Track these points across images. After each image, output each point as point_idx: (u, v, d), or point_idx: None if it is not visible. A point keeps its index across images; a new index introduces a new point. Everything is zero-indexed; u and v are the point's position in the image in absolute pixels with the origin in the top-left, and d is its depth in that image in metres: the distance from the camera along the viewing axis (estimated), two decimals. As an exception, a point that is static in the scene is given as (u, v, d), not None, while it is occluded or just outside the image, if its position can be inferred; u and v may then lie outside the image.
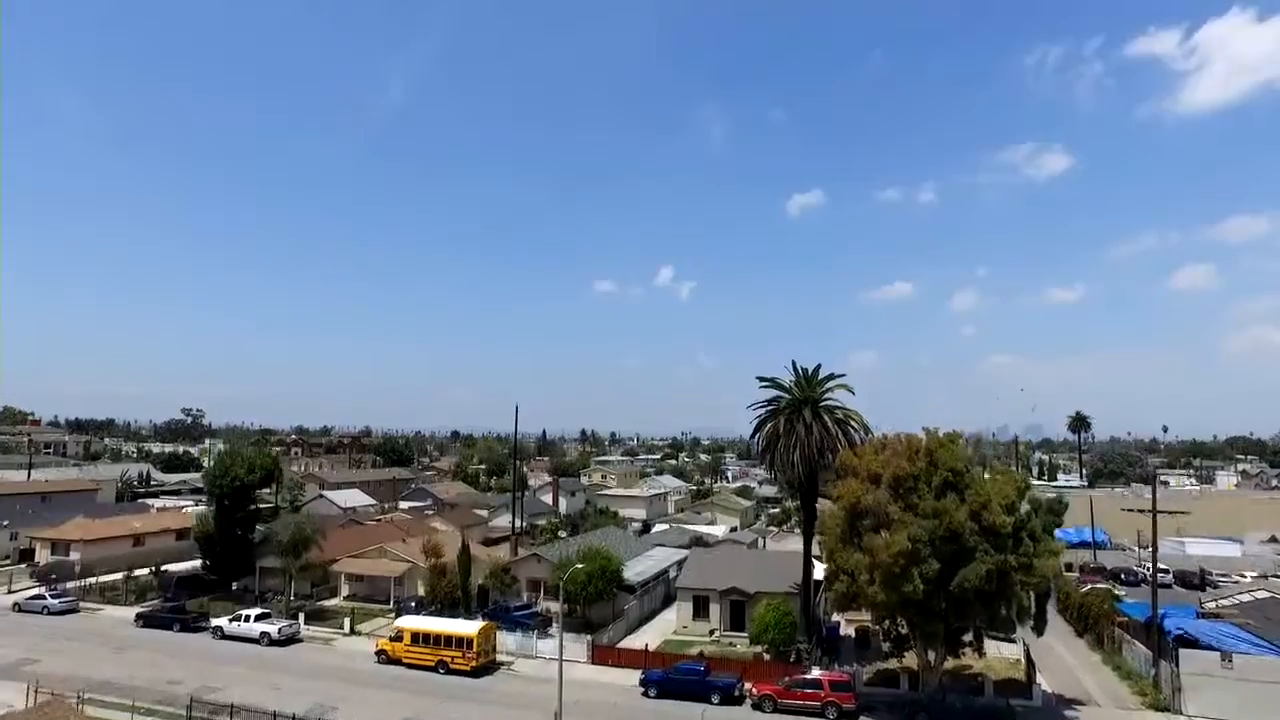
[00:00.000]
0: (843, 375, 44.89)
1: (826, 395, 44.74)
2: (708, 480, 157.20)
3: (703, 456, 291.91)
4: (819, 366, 44.94)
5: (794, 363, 45.15)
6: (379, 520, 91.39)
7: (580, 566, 48.79)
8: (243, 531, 60.08)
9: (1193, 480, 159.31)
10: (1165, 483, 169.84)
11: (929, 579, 33.72)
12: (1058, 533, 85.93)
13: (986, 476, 38.21)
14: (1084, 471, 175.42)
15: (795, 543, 65.81)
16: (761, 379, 46.13)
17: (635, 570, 55.99)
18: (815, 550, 46.02)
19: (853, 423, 43.93)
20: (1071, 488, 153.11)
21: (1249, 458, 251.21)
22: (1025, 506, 37.96)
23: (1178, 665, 36.70)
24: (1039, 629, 37.99)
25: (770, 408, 45.89)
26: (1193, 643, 38.53)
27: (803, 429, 42.88)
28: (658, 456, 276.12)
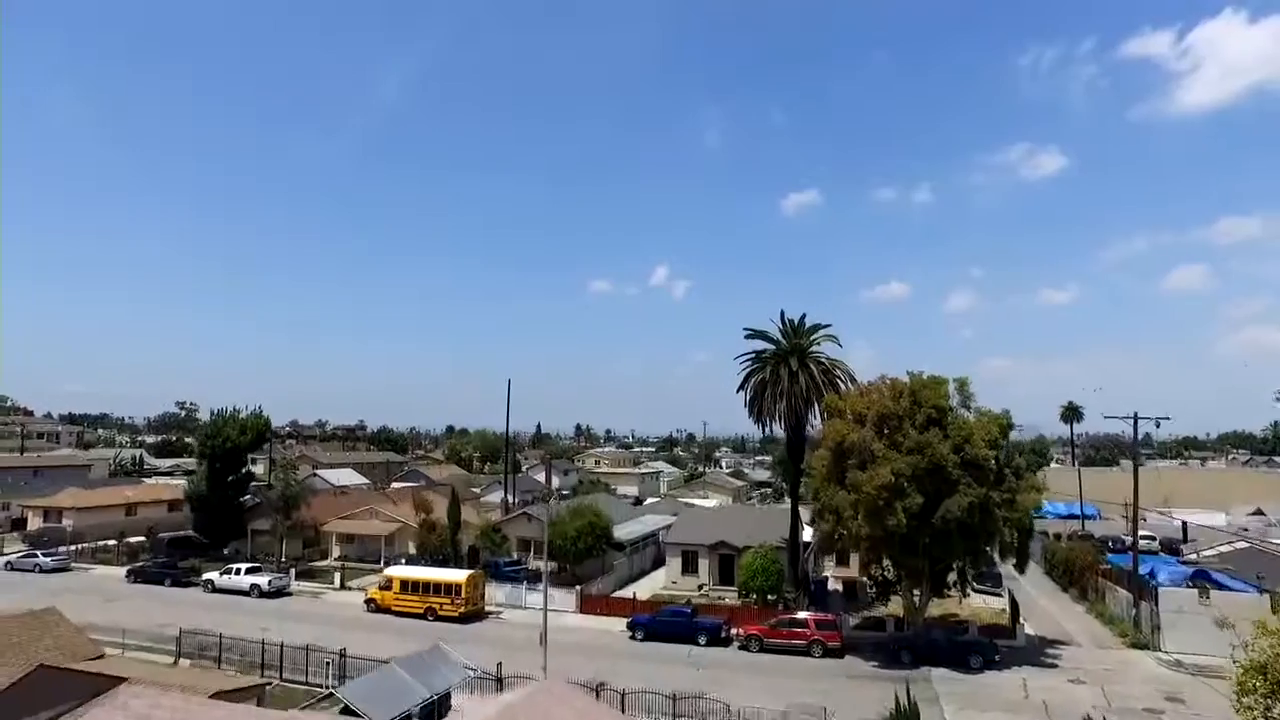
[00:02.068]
0: (829, 325, 45.30)
1: (813, 346, 45.11)
2: (701, 466, 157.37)
3: (696, 450, 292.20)
4: (804, 316, 45.36)
5: (781, 313, 45.56)
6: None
7: (567, 515, 49.05)
8: (234, 494, 60.32)
9: (1183, 465, 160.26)
10: (1155, 469, 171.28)
11: (912, 512, 34.17)
12: (1045, 506, 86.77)
13: (970, 417, 38.66)
14: (1076, 458, 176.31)
15: (786, 509, 66.26)
16: (748, 330, 46.53)
17: (626, 530, 56.38)
18: (804, 514, 46.48)
19: (839, 371, 44.32)
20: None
21: (1239, 450, 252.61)
22: (1009, 444, 38.51)
23: (1157, 605, 37.20)
24: (1021, 567, 38.48)
25: (757, 359, 46.21)
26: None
27: (788, 378, 43.25)
28: (652, 449, 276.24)
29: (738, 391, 46.61)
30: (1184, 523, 58.32)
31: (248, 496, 61.63)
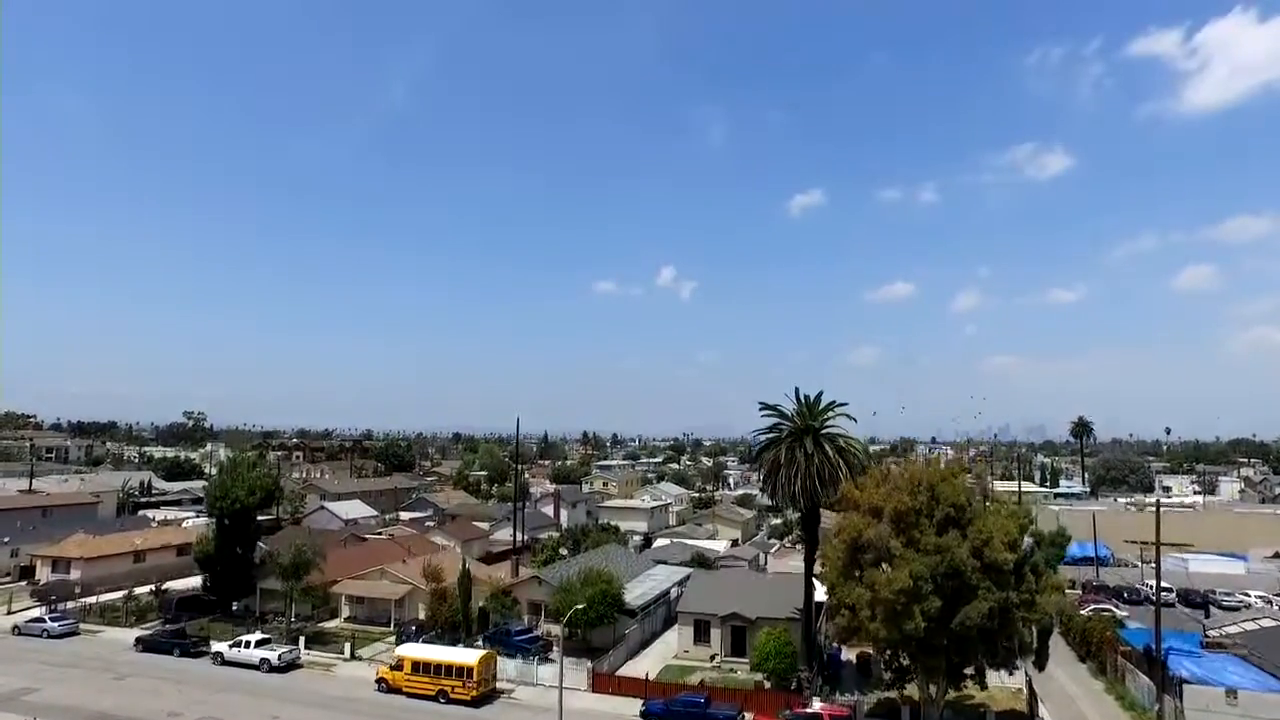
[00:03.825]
0: (844, 404, 44.82)
1: (828, 423, 44.58)
2: (709, 487, 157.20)
3: (704, 460, 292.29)
4: (820, 394, 44.85)
5: (796, 390, 45.05)
6: (380, 533, 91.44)
7: (580, 605, 48.68)
8: (243, 551, 59.99)
9: (1196, 486, 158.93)
10: (1167, 488, 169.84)
11: (930, 616, 33.61)
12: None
13: (989, 506, 38.02)
14: (1086, 477, 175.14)
15: (796, 559, 65.72)
16: (763, 406, 46.01)
17: (636, 592, 55.82)
18: (816, 569, 45.84)
19: (854, 451, 43.78)
20: (1074, 494, 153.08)
21: (1252, 461, 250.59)
22: (1028, 541, 37.87)
23: (1182, 701, 36.47)
24: (1040, 664, 37.86)
25: (772, 435, 45.71)
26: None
27: (803, 458, 42.71)
28: (659, 460, 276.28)
29: (752, 464, 46.02)
30: (1204, 597, 57.38)
31: (259, 549, 61.28)
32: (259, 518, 62.11)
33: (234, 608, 60.18)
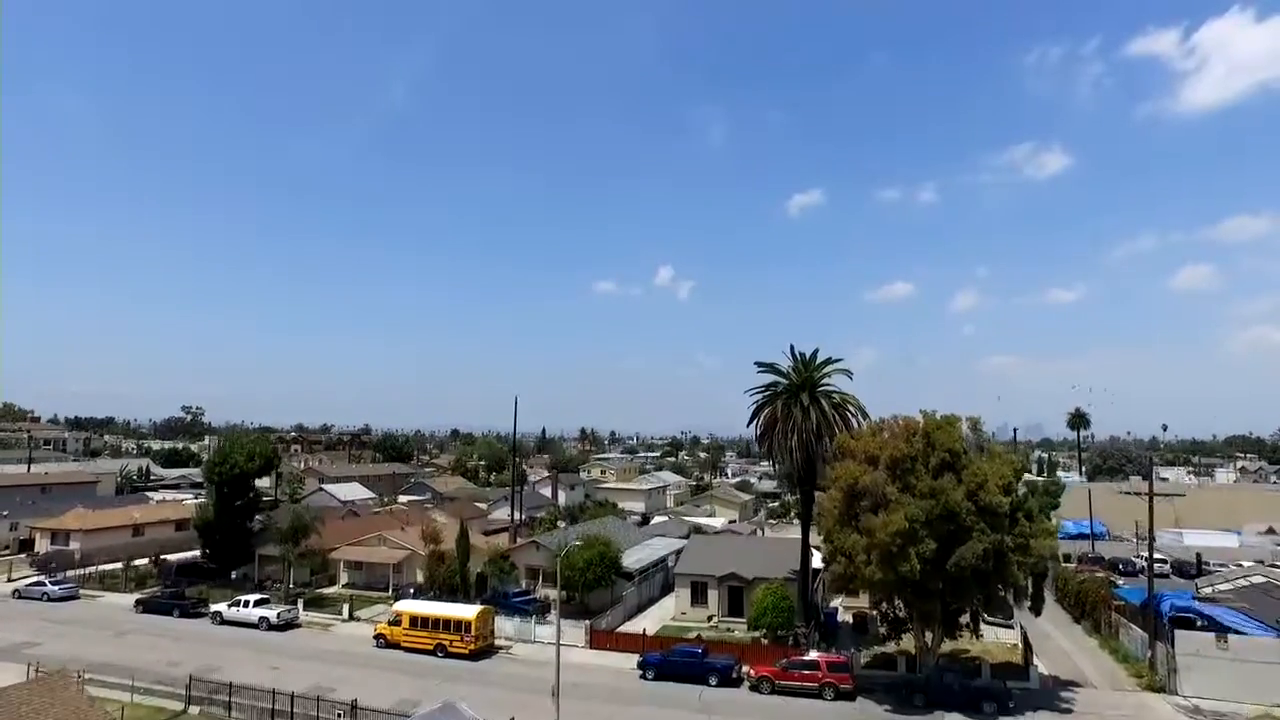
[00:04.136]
0: (840, 360, 45.07)
1: (824, 380, 44.81)
2: (707, 476, 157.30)
3: (702, 455, 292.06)
4: (816, 351, 45.08)
5: (791, 347, 45.27)
6: (377, 513, 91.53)
7: (578, 544, 49.04)
8: (242, 520, 60.22)
9: (1191, 475, 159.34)
10: (1164, 479, 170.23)
11: (926, 558, 33.91)
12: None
13: (984, 458, 38.31)
14: (1083, 468, 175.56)
15: (794, 533, 65.89)
16: (759, 364, 46.27)
17: (634, 558, 56.09)
18: (813, 539, 46.14)
19: (850, 407, 44.01)
20: (1071, 483, 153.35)
21: (1248, 455, 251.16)
22: (1022, 488, 38.20)
23: (1174, 646, 36.79)
24: (1036, 609, 38.11)
25: (767, 393, 45.93)
26: (1189, 624, 38.71)
27: (800, 414, 42.96)
28: (657, 454, 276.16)
29: (748, 425, 46.40)
30: (1198, 556, 57.69)
31: (257, 520, 61.46)
32: (257, 486, 62.17)
33: (233, 575, 60.37)
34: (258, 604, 48.65)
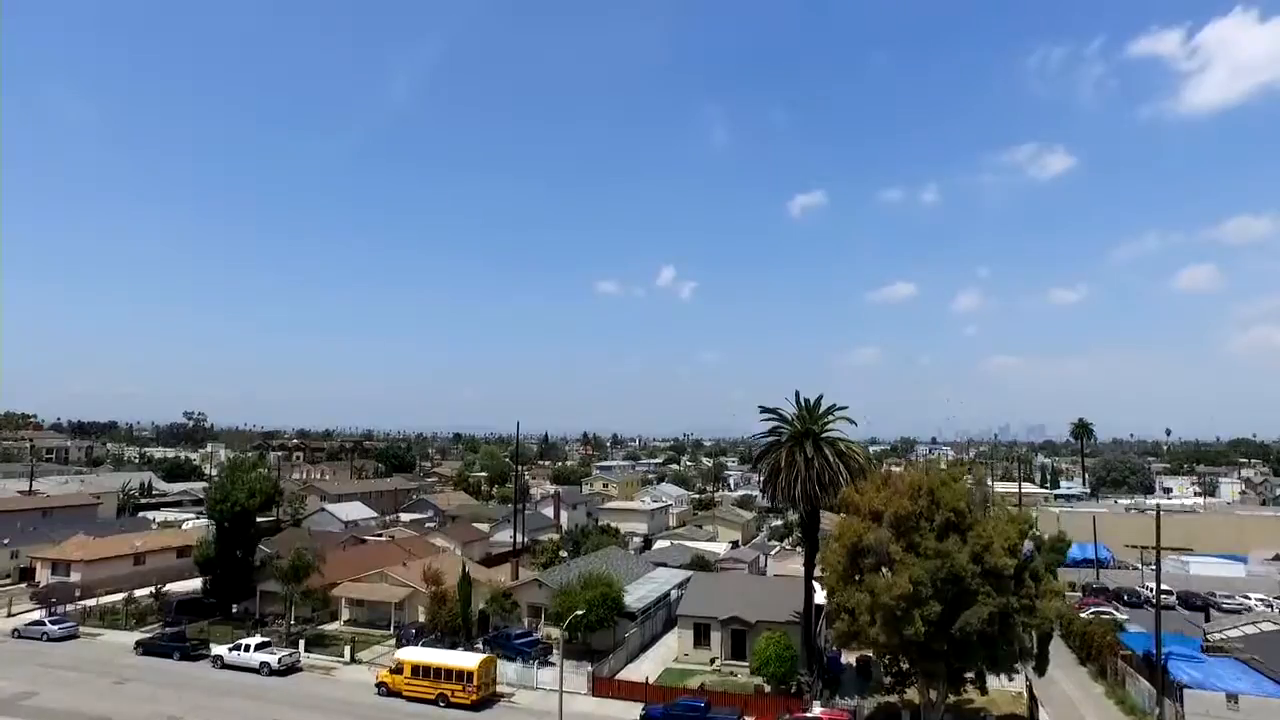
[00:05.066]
0: (845, 407, 44.76)
1: (828, 427, 44.53)
2: (709, 488, 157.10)
3: (705, 460, 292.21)
4: (820, 398, 44.80)
5: (797, 394, 45.00)
6: (380, 535, 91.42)
7: (580, 591, 48.85)
8: (243, 554, 60.00)
9: (1196, 487, 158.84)
10: (1168, 489, 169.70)
11: (930, 621, 33.57)
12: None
13: (989, 510, 37.96)
14: (1086, 477, 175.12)
15: (796, 562, 65.46)
16: (764, 409, 46.02)
17: (637, 595, 55.76)
18: (817, 573, 45.78)
19: (854, 455, 43.73)
20: (1074, 494, 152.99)
21: (1252, 462, 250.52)
22: (1029, 545, 37.83)
23: (1182, 705, 36.42)
24: (1040, 669, 37.75)
25: (772, 439, 45.66)
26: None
27: (803, 462, 42.66)
28: (659, 460, 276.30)
29: (752, 469, 45.98)
30: (1205, 607, 57.24)
31: (257, 556, 61.26)
32: (259, 520, 61.92)
33: (234, 610, 60.13)
34: (259, 647, 48.34)
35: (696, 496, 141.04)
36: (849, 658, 50.32)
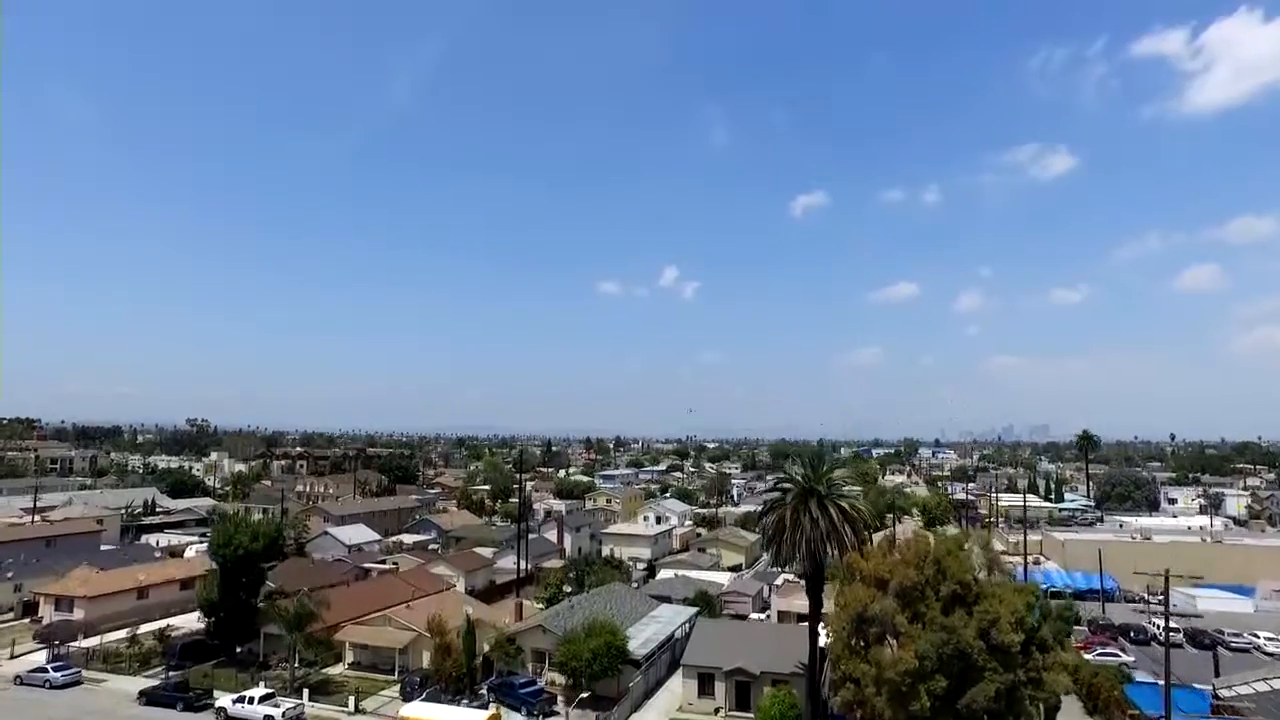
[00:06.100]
0: (846, 465, 44.38)
1: (834, 486, 44.29)
2: (713, 501, 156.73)
3: (708, 465, 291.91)
4: (824, 456, 44.47)
5: (802, 457, 44.73)
6: (383, 560, 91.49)
7: (584, 640, 48.81)
8: (247, 596, 59.92)
9: (1201, 500, 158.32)
10: (1173, 500, 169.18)
11: (936, 695, 33.38)
12: (1065, 577, 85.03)
13: (994, 579, 37.71)
14: (1091, 490, 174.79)
15: (799, 598, 64.99)
16: (769, 471, 45.60)
17: (640, 639, 55.55)
18: (822, 641, 45.56)
19: (860, 515, 43.47)
20: (1078, 508, 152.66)
21: (1257, 468, 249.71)
22: (1036, 613, 37.57)
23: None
24: (1049, 739, 37.52)
25: (777, 492, 45.44)
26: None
27: (809, 522, 42.43)
28: (663, 468, 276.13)
29: (757, 524, 45.74)
30: (1215, 655, 56.83)
31: (260, 595, 61.18)
32: (263, 571, 61.90)
33: (238, 651, 60.07)
34: (263, 699, 48.24)
35: (700, 512, 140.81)
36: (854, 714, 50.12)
